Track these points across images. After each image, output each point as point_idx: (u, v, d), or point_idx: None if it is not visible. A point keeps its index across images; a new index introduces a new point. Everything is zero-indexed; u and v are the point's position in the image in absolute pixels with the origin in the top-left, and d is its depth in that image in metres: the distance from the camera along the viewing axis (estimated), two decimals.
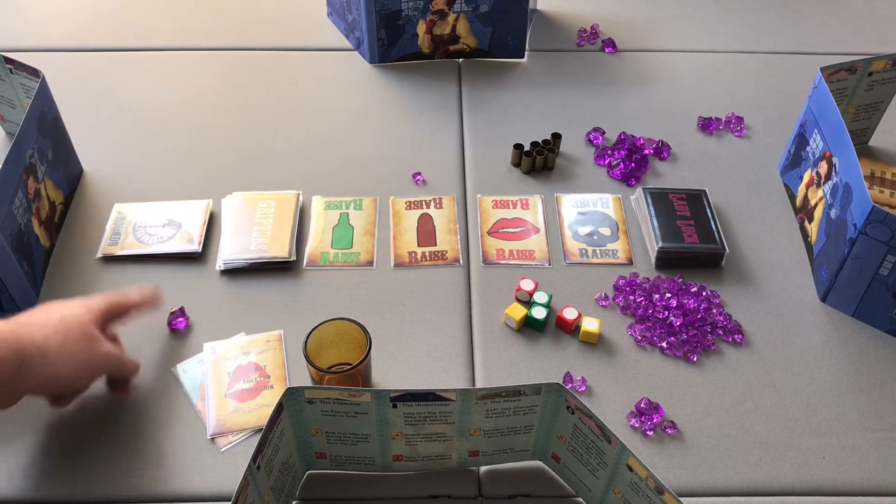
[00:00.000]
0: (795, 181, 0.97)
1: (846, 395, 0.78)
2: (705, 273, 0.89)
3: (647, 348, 0.82)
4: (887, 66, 0.96)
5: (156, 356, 0.79)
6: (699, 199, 0.94)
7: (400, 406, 0.64)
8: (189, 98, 1.11)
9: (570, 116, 1.09)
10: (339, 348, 0.75)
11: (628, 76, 1.17)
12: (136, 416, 0.75)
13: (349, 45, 1.21)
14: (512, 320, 0.83)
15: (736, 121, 1.08)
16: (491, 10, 1.13)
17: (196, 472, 0.71)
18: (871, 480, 0.72)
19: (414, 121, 1.09)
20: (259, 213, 0.93)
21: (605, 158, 1.02)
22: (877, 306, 0.83)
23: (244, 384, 0.77)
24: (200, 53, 1.20)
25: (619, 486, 0.64)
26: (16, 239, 0.80)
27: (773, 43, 1.24)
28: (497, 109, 1.10)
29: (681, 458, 0.73)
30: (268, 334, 0.82)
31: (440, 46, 1.17)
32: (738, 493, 0.71)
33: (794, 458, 0.73)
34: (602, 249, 0.91)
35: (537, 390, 0.64)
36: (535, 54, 1.20)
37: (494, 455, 0.70)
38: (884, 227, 0.76)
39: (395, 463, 0.70)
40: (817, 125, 0.91)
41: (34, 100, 0.86)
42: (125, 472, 0.71)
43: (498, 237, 0.92)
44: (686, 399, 0.78)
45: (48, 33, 1.23)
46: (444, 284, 0.87)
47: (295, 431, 0.66)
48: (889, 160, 1.04)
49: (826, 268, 0.86)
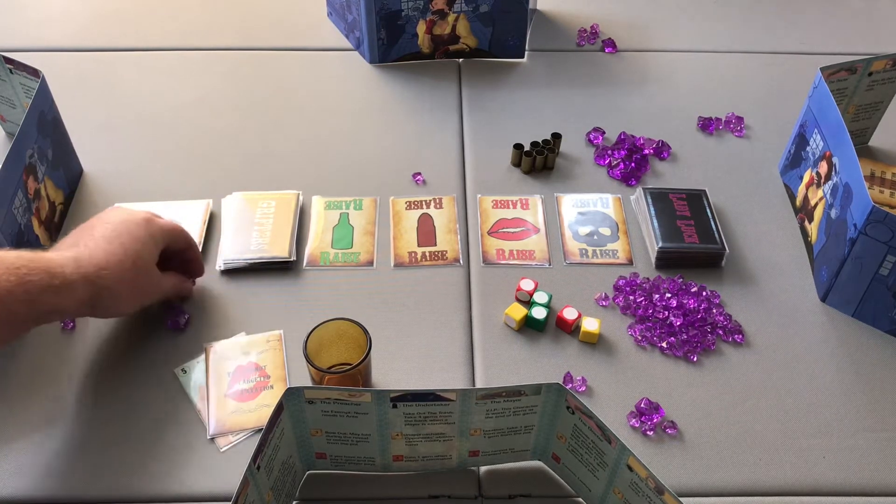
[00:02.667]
0: (795, 181, 0.97)
1: (846, 395, 0.78)
2: (705, 273, 0.89)
3: (648, 348, 0.82)
4: (887, 66, 0.96)
5: (156, 356, 0.79)
6: (699, 199, 0.94)
7: (400, 406, 0.64)
8: (189, 98, 1.11)
9: (570, 116, 1.09)
10: (339, 348, 0.75)
11: (628, 76, 1.17)
12: (136, 416, 0.75)
13: (349, 45, 1.21)
14: (512, 320, 0.83)
15: (736, 121, 1.08)
16: (491, 10, 1.13)
17: (196, 472, 0.71)
18: (871, 480, 0.72)
19: (414, 121, 1.09)
20: (259, 213, 0.93)
21: (605, 158, 1.02)
22: (877, 306, 0.83)
23: (244, 384, 0.77)
24: (200, 53, 1.20)
25: (620, 487, 0.64)
26: (16, 239, 0.80)
27: (773, 43, 1.24)
28: (497, 109, 1.10)
29: (681, 458, 0.73)
30: (268, 334, 0.82)
31: (440, 46, 1.17)
32: (738, 493, 0.71)
33: (794, 458, 0.73)
34: (602, 249, 0.91)
35: (537, 390, 0.64)
36: (535, 54, 1.20)
37: (494, 455, 0.70)
38: (884, 227, 0.76)
39: (396, 463, 0.70)
40: (817, 125, 0.91)
41: (34, 100, 0.86)
42: (125, 471, 0.71)
43: (498, 237, 0.92)
44: (686, 399, 0.78)
45: (48, 33, 1.23)
46: (444, 284, 0.87)
47: (295, 431, 0.66)
48: (889, 160, 1.04)
49: (826, 268, 0.86)
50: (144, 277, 0.74)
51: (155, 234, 0.76)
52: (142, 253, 0.73)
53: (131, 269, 0.72)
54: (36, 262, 0.65)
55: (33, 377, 0.77)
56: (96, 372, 0.78)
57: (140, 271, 0.73)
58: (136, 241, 0.73)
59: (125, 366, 0.79)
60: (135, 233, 0.74)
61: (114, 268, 0.70)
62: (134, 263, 0.72)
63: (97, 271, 0.69)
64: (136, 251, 0.73)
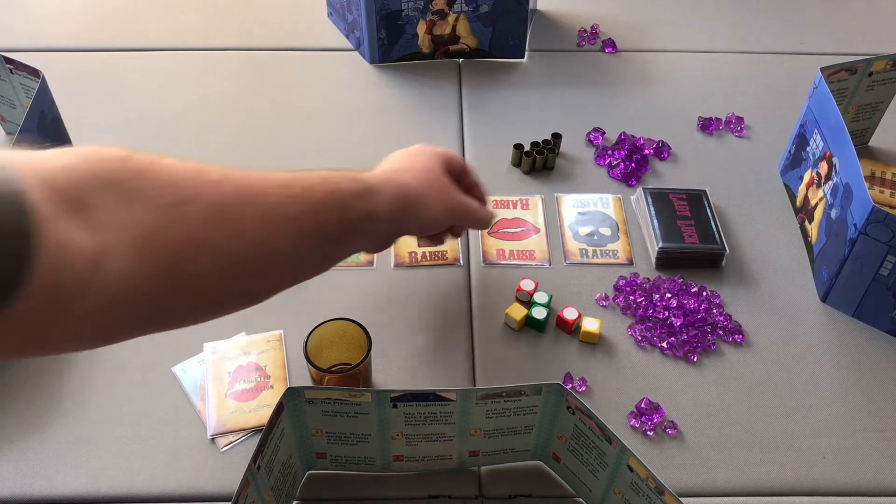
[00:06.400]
0: (796, 181, 0.97)
1: (846, 395, 0.78)
2: (705, 273, 0.89)
3: (648, 348, 0.82)
4: (887, 67, 0.96)
5: (156, 356, 0.79)
6: (699, 199, 0.94)
7: (400, 406, 0.64)
8: (189, 98, 1.11)
9: (570, 116, 1.09)
10: (339, 348, 0.75)
11: (628, 76, 1.17)
12: (136, 415, 0.75)
13: (349, 45, 1.21)
14: (512, 320, 0.83)
15: (736, 121, 1.08)
16: (491, 10, 1.13)
17: (196, 472, 0.71)
18: (871, 480, 0.72)
19: (414, 121, 1.09)
20: None
21: (605, 158, 1.02)
22: (877, 306, 0.83)
23: (244, 384, 0.77)
24: (200, 53, 1.20)
25: (620, 487, 0.64)
26: None
27: (773, 43, 1.24)
28: (497, 109, 1.10)
29: (681, 458, 0.73)
30: (268, 334, 0.82)
31: (440, 46, 1.17)
32: (738, 493, 0.71)
33: (794, 458, 0.73)
34: (602, 249, 0.91)
35: (538, 390, 0.64)
36: (535, 54, 1.20)
37: (495, 455, 0.70)
38: (884, 227, 0.76)
39: (396, 463, 0.70)
40: (817, 125, 0.91)
41: (34, 100, 0.86)
42: (125, 471, 0.71)
43: (498, 237, 0.92)
44: (686, 399, 0.78)
45: (48, 33, 1.23)
46: (444, 284, 0.87)
47: (295, 432, 0.66)
48: (889, 160, 1.04)
49: (826, 268, 0.86)
50: (446, 185, 0.74)
51: (438, 150, 0.76)
52: (437, 164, 0.74)
53: (432, 173, 0.72)
54: (341, 173, 0.65)
55: (32, 377, 0.77)
56: (96, 371, 0.78)
57: (439, 176, 0.73)
58: (429, 154, 0.75)
59: (125, 365, 0.79)
60: (424, 149, 0.76)
61: (416, 172, 0.71)
62: (431, 170, 0.73)
63: (400, 175, 0.69)
64: (431, 161, 0.74)
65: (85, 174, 0.47)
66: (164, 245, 0.48)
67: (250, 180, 0.56)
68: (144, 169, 0.52)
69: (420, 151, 0.75)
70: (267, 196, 0.56)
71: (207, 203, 0.52)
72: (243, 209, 0.54)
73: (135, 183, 0.50)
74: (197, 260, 0.50)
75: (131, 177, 0.50)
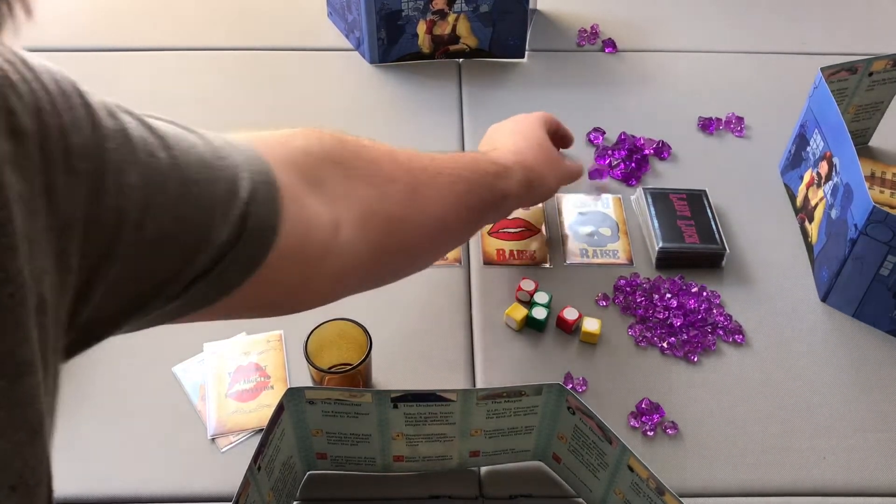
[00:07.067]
0: (796, 181, 0.97)
1: (846, 395, 0.79)
2: (705, 273, 0.89)
3: (648, 348, 0.82)
4: (888, 66, 0.96)
5: (156, 356, 0.79)
6: (699, 200, 0.94)
7: (401, 406, 0.64)
8: (189, 98, 1.11)
9: (570, 116, 1.09)
10: (339, 348, 0.75)
11: (628, 76, 1.17)
12: (135, 416, 0.75)
13: (349, 45, 1.21)
14: (512, 321, 0.83)
15: (736, 121, 1.08)
16: (491, 10, 1.13)
17: (196, 472, 0.71)
18: (871, 480, 0.72)
19: (414, 121, 1.09)
20: None
21: (605, 158, 1.02)
22: (877, 306, 0.83)
23: (244, 384, 0.77)
24: (200, 53, 1.20)
25: (621, 487, 0.64)
26: None
27: (773, 43, 1.24)
28: (497, 109, 1.10)
29: (681, 458, 0.73)
30: (268, 334, 0.82)
31: (440, 46, 1.17)
32: (738, 493, 0.71)
33: (794, 459, 0.73)
34: (602, 249, 0.91)
35: (538, 391, 0.64)
36: (535, 54, 1.20)
37: (495, 455, 0.70)
38: (884, 227, 0.76)
39: (396, 463, 0.70)
40: (817, 125, 0.91)
41: None
42: (125, 471, 0.71)
43: (498, 237, 0.92)
44: (686, 399, 0.78)
45: (48, 33, 1.23)
46: (444, 284, 0.87)
47: (295, 432, 0.66)
48: (889, 160, 1.04)
49: (826, 268, 0.86)
50: (556, 157, 0.83)
51: (540, 118, 0.85)
52: (543, 137, 0.82)
53: (544, 148, 0.81)
54: (478, 154, 0.75)
55: None
56: (95, 371, 0.78)
57: (550, 148, 0.82)
58: (537, 126, 0.83)
59: (124, 365, 0.78)
60: (531, 122, 0.84)
61: (535, 150, 0.79)
62: (542, 145, 0.81)
63: (525, 156, 0.76)
64: (542, 134, 0.82)
65: (318, 154, 0.55)
66: (380, 218, 0.57)
67: (425, 162, 0.65)
68: (357, 149, 0.59)
69: (529, 125, 0.83)
70: (441, 176, 0.65)
71: (405, 182, 0.61)
72: (428, 189, 0.63)
73: (353, 162, 0.58)
74: (401, 231, 0.60)
75: (349, 157, 0.58)
